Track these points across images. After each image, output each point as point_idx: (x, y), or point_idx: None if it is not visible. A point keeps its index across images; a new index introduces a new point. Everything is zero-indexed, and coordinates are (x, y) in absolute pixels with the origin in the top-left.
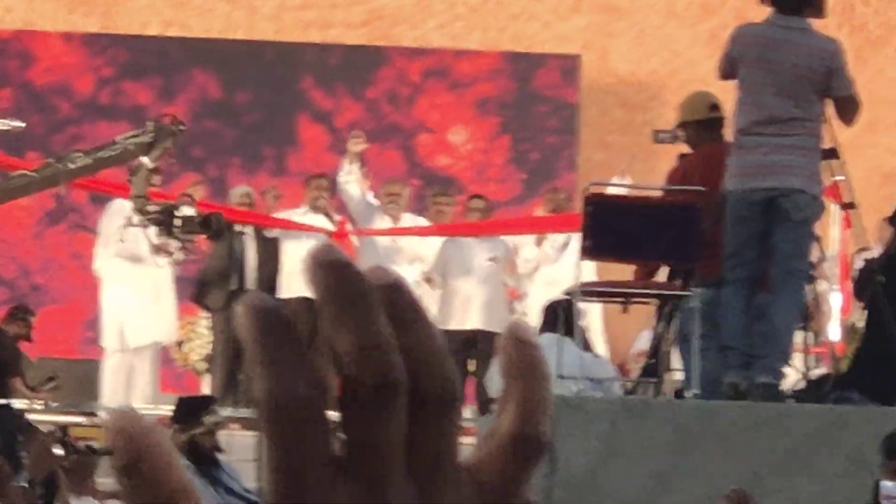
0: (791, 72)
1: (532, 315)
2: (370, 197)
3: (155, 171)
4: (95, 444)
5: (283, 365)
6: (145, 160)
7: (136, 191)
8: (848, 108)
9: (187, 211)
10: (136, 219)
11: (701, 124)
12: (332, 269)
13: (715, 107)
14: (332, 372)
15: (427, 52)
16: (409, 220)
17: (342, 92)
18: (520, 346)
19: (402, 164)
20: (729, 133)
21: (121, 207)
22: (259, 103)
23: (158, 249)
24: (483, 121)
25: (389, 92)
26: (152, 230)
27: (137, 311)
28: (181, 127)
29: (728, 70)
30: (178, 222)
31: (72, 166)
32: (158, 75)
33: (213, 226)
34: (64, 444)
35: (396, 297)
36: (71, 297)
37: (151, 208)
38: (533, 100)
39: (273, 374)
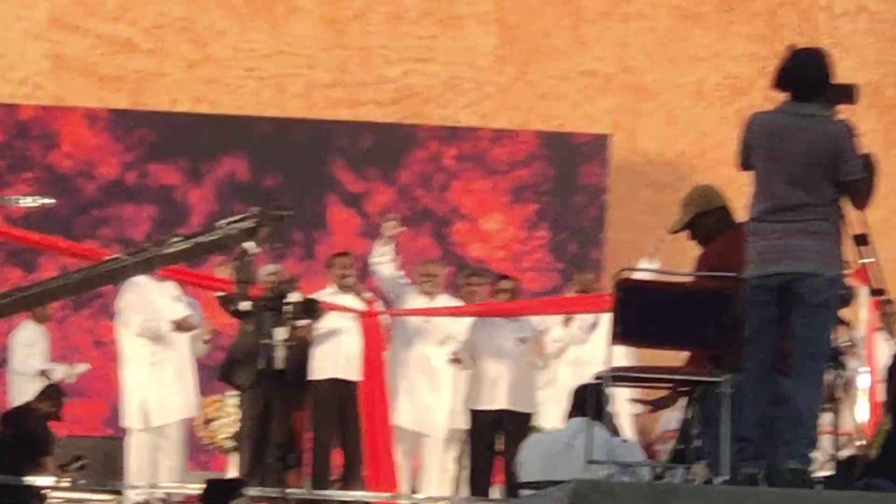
0: (798, 159)
1: (561, 396)
2: (402, 277)
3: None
4: None
5: None
6: (250, 245)
7: (241, 276)
8: (858, 192)
9: (295, 297)
10: (243, 305)
11: (717, 213)
12: None
13: (721, 195)
14: None
15: (460, 133)
16: (444, 300)
17: (373, 175)
18: None
19: (435, 250)
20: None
21: (139, 284)
22: (288, 186)
23: (179, 326)
24: (518, 207)
25: (422, 175)
26: (266, 316)
27: (161, 389)
28: (286, 212)
29: (745, 159)
30: (287, 308)
31: (169, 251)
32: (186, 157)
33: (315, 311)
34: None
35: None
36: (93, 384)
37: (258, 295)
38: (567, 185)
39: None
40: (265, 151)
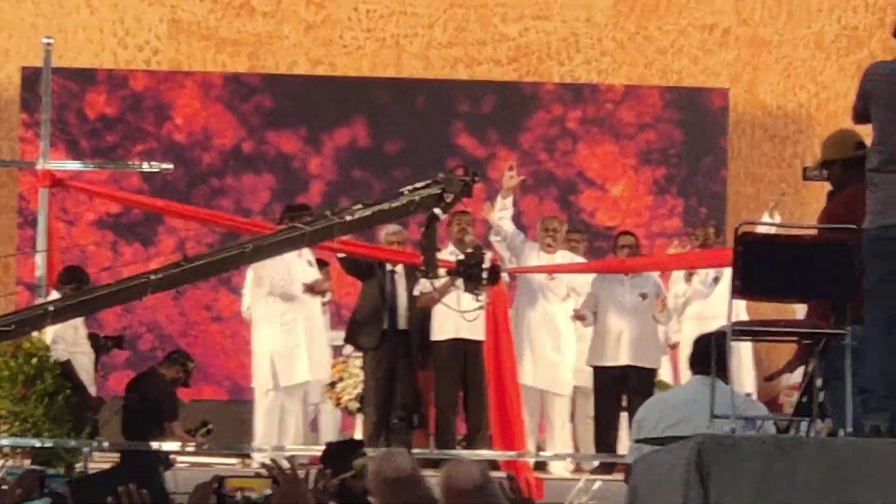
0: None
1: (683, 350)
2: (523, 234)
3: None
4: (253, 496)
5: None
6: (438, 212)
7: (428, 243)
8: None
9: (488, 262)
10: (433, 272)
11: (846, 163)
12: (397, 484)
13: (860, 145)
14: None
15: (583, 94)
16: (565, 257)
17: (495, 139)
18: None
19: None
20: None
21: None
22: (409, 151)
23: (311, 289)
24: (644, 171)
25: (544, 138)
26: (459, 282)
27: (289, 350)
28: (475, 178)
29: (861, 110)
30: (485, 274)
31: (349, 218)
32: (304, 123)
33: (498, 276)
34: (220, 496)
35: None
36: (213, 352)
37: (453, 260)
38: (695, 147)
39: None
40: (385, 117)
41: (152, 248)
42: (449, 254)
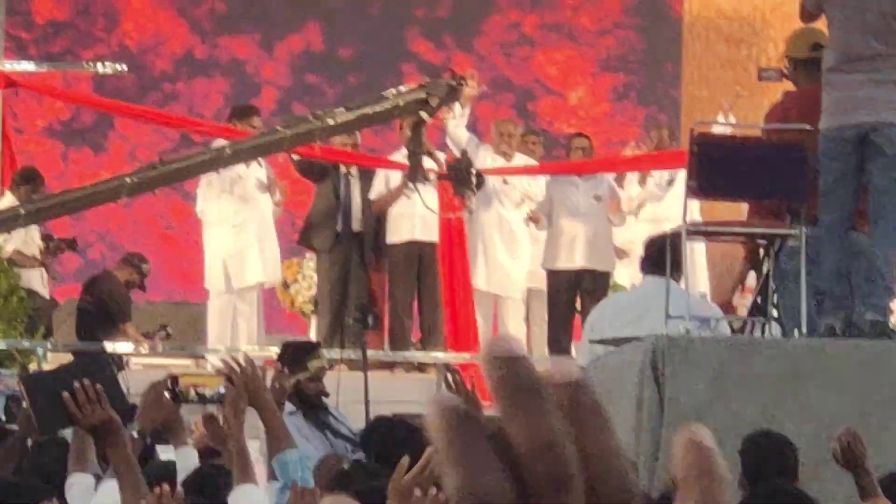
0: (879, 10)
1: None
2: (478, 139)
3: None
4: (207, 392)
5: (473, 464)
6: (425, 116)
7: (415, 147)
8: None
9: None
10: (421, 177)
11: (802, 63)
12: (507, 363)
13: (818, 46)
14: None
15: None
16: (520, 160)
17: (451, 44)
18: (700, 452)
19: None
20: None
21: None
22: (364, 56)
23: (264, 186)
24: (603, 78)
25: (501, 43)
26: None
27: (241, 252)
28: (461, 82)
29: (811, 7)
30: (472, 178)
31: (331, 122)
32: (257, 28)
33: (482, 182)
34: (175, 394)
35: (578, 397)
36: (165, 258)
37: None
38: (651, 52)
39: (465, 472)
40: (339, 21)
41: (103, 154)
42: (402, 157)
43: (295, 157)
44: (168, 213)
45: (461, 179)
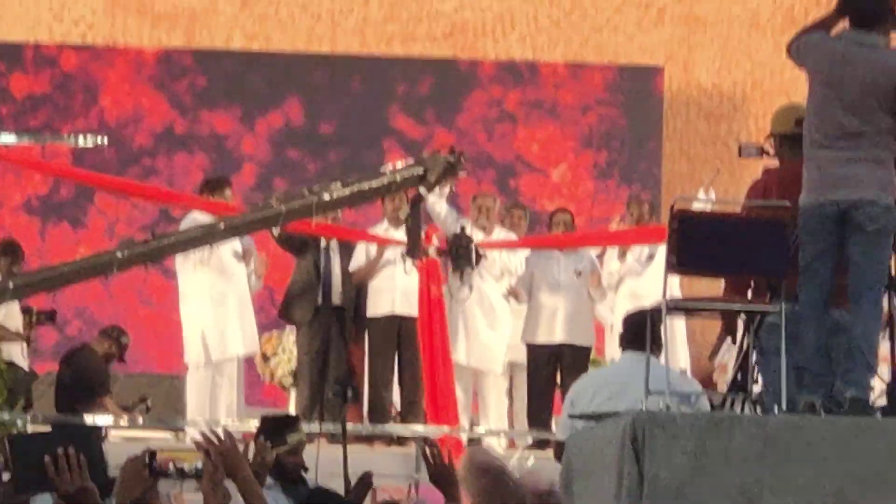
0: (859, 89)
1: (617, 328)
2: (456, 212)
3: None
4: (185, 467)
5: None
6: (423, 192)
7: (412, 222)
8: None
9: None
10: (418, 250)
11: (787, 138)
12: (486, 473)
13: (802, 121)
14: None
15: (516, 72)
16: (500, 233)
17: (432, 120)
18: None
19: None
20: None
21: (195, 221)
22: (345, 132)
23: (240, 257)
24: (585, 155)
25: (483, 119)
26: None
27: (220, 324)
28: (459, 158)
29: (795, 56)
30: (471, 254)
31: (328, 197)
32: (238, 103)
33: (480, 258)
34: (152, 469)
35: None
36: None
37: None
38: (634, 128)
39: None
40: (320, 96)
41: (82, 229)
42: (383, 231)
43: (276, 231)
44: (147, 288)
45: (462, 255)
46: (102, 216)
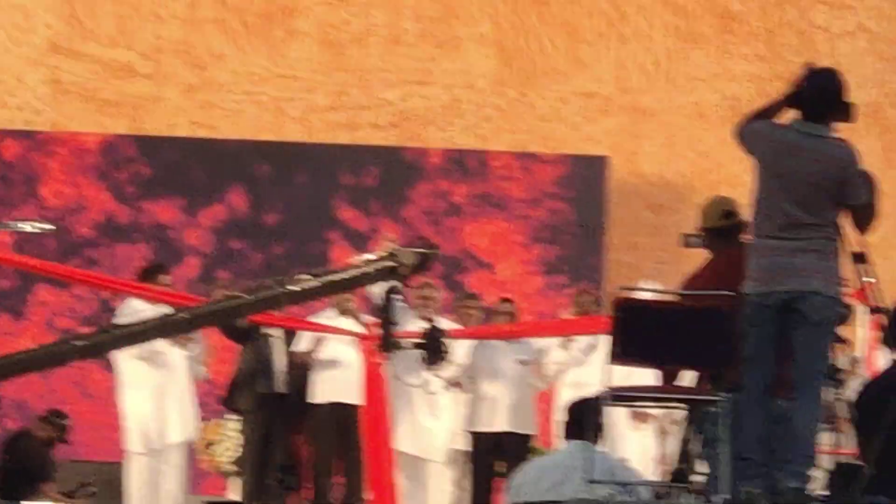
0: (805, 180)
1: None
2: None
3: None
4: None
5: None
6: (398, 285)
7: (388, 316)
8: (860, 217)
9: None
10: (393, 344)
11: (716, 231)
12: None
13: (729, 214)
14: None
15: (462, 164)
16: (442, 323)
17: (378, 211)
18: None
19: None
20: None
21: (135, 307)
22: (289, 224)
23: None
24: (534, 250)
25: (428, 211)
26: (417, 354)
27: (160, 412)
28: (431, 250)
29: (742, 143)
30: (444, 348)
31: (294, 289)
32: (182, 193)
33: (449, 351)
34: None
35: None
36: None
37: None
38: (576, 214)
39: None
40: (264, 187)
41: (23, 320)
42: (325, 318)
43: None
44: (85, 381)
45: (434, 349)
46: (43, 307)
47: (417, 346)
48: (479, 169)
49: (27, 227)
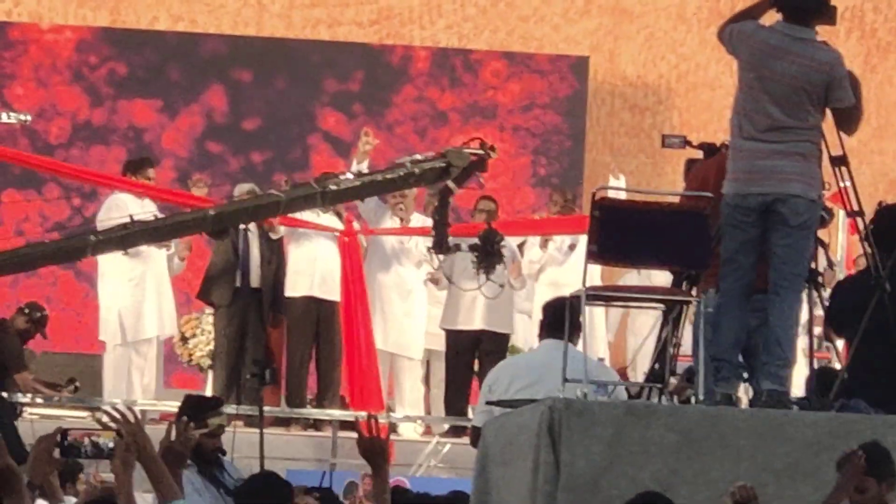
0: (790, 83)
1: (536, 316)
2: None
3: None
4: (100, 441)
5: None
6: (452, 186)
7: (439, 216)
8: (848, 119)
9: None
10: (445, 248)
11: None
12: None
13: None
14: None
15: (450, 69)
16: (418, 220)
17: (361, 118)
18: None
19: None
20: None
21: (120, 201)
22: (270, 128)
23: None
24: (521, 158)
25: (413, 117)
26: (466, 256)
27: (137, 305)
28: (489, 151)
29: (726, 45)
30: (500, 250)
31: (334, 188)
32: (159, 94)
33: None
34: (63, 448)
35: None
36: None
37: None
38: (545, 107)
39: None
40: (245, 93)
41: None
42: (307, 214)
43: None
44: (57, 294)
45: (489, 252)
46: (9, 214)
47: (473, 248)
48: (468, 78)
49: (3, 116)
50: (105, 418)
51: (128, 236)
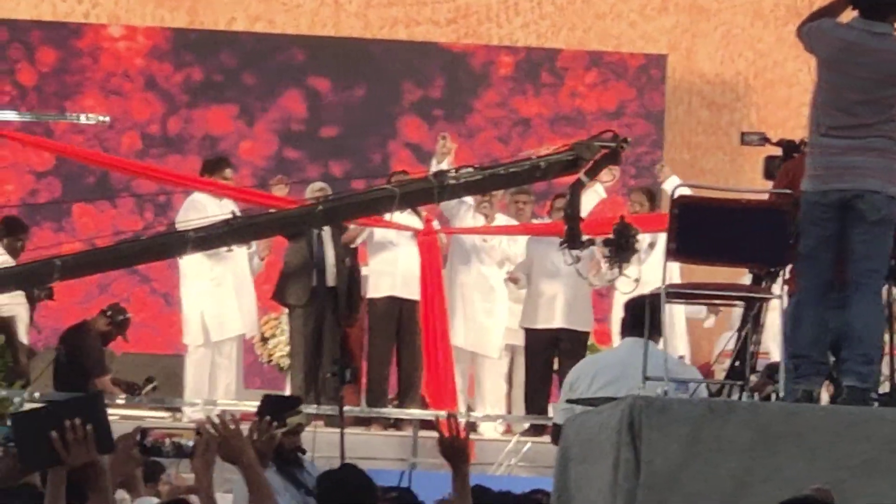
0: (870, 78)
1: (617, 315)
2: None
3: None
4: (181, 442)
5: None
6: (584, 179)
7: (571, 210)
8: None
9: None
10: (577, 242)
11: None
12: None
13: None
14: None
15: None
16: (501, 220)
17: (442, 125)
18: None
19: None
20: None
21: (198, 202)
22: (349, 136)
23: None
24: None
25: (493, 122)
26: (599, 251)
27: (219, 305)
28: (622, 144)
29: (805, 37)
30: (634, 244)
31: (453, 182)
32: (236, 101)
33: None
34: (144, 448)
35: None
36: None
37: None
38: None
39: None
40: (324, 100)
41: (64, 232)
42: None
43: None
44: (148, 271)
45: (623, 246)
46: (81, 228)
47: (607, 242)
48: (552, 81)
49: (83, 118)
50: (207, 426)
51: (236, 229)
